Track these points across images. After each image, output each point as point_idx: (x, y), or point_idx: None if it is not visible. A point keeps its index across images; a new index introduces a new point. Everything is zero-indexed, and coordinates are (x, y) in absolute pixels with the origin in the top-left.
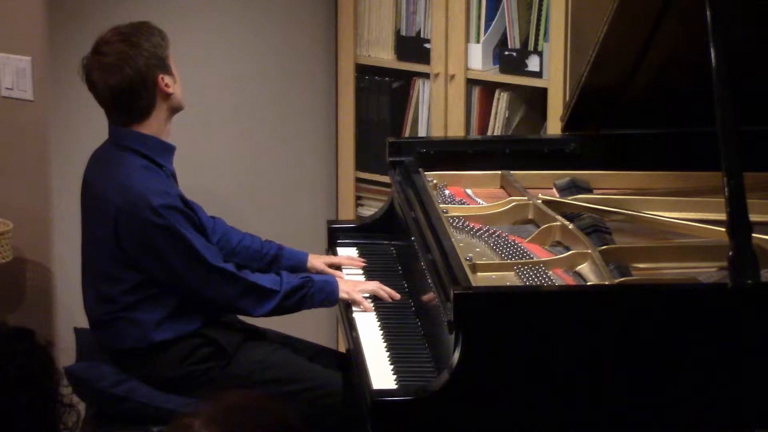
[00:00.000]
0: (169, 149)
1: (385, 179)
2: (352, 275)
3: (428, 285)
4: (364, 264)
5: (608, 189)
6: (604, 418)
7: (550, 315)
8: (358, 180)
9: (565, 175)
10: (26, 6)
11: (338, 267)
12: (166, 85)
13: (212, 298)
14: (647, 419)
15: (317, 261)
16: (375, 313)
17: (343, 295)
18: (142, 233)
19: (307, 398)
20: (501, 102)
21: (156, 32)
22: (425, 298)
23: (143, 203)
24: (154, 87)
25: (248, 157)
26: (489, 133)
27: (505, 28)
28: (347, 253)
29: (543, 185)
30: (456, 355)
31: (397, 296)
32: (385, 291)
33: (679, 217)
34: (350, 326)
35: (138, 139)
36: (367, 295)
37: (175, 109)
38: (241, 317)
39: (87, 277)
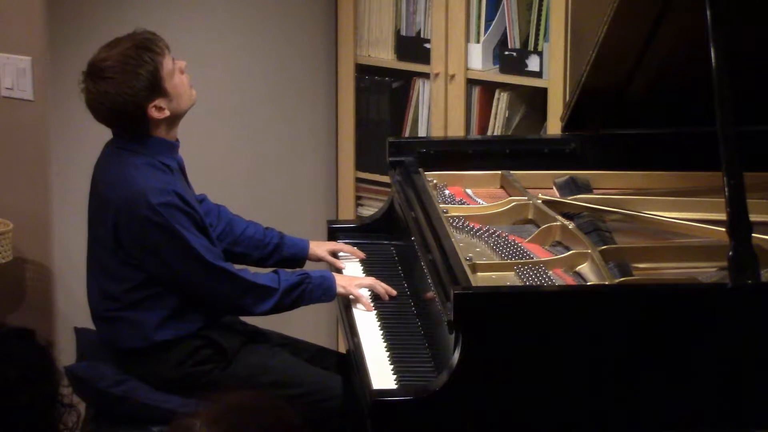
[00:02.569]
0: (171, 147)
1: (385, 179)
2: (350, 269)
3: (428, 285)
4: (363, 256)
5: (608, 189)
6: (604, 418)
7: (550, 315)
8: (358, 180)
9: (565, 174)
10: (26, 6)
11: (336, 255)
12: (160, 109)
13: (211, 297)
14: (647, 419)
15: (318, 248)
16: (375, 313)
17: (340, 290)
18: (141, 232)
19: (307, 402)
20: (501, 102)
21: (147, 57)
22: (426, 297)
23: (142, 201)
24: (145, 116)
25: (248, 157)
26: (489, 133)
27: (505, 28)
28: None
29: (543, 185)
30: (456, 355)
31: (394, 293)
32: (381, 287)
33: (679, 217)
34: (350, 326)
35: (139, 142)
36: (365, 290)
37: (178, 118)
38: (242, 317)
39: (91, 273)
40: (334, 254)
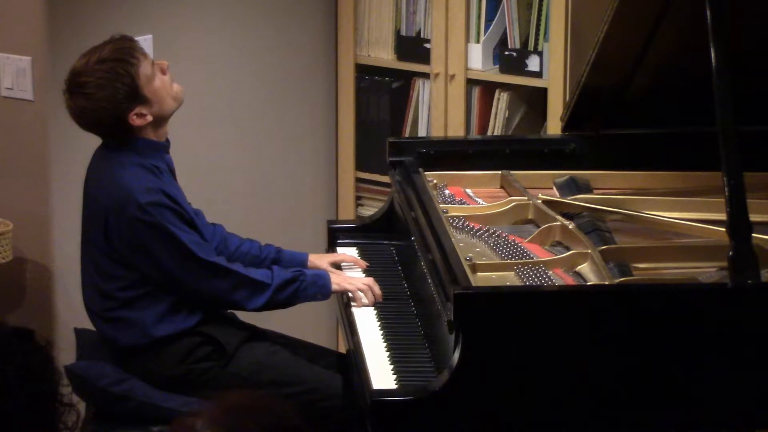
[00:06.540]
0: (160, 147)
1: (385, 179)
2: (352, 272)
3: (428, 285)
4: (366, 265)
5: (608, 189)
6: (604, 418)
7: (550, 315)
8: (358, 180)
9: (565, 174)
10: (26, 6)
11: (339, 267)
12: (141, 115)
13: (205, 293)
14: (647, 419)
15: (320, 261)
16: (375, 313)
17: (335, 287)
18: (131, 232)
19: (307, 401)
20: (501, 102)
21: (121, 70)
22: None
23: (131, 202)
24: (127, 125)
25: (248, 157)
26: (489, 133)
27: (505, 28)
28: (347, 253)
29: (543, 185)
30: (456, 355)
31: (380, 299)
32: (374, 289)
33: (679, 217)
34: (350, 326)
35: (127, 145)
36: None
37: (163, 119)
38: (241, 316)
39: (86, 274)
40: (337, 266)
